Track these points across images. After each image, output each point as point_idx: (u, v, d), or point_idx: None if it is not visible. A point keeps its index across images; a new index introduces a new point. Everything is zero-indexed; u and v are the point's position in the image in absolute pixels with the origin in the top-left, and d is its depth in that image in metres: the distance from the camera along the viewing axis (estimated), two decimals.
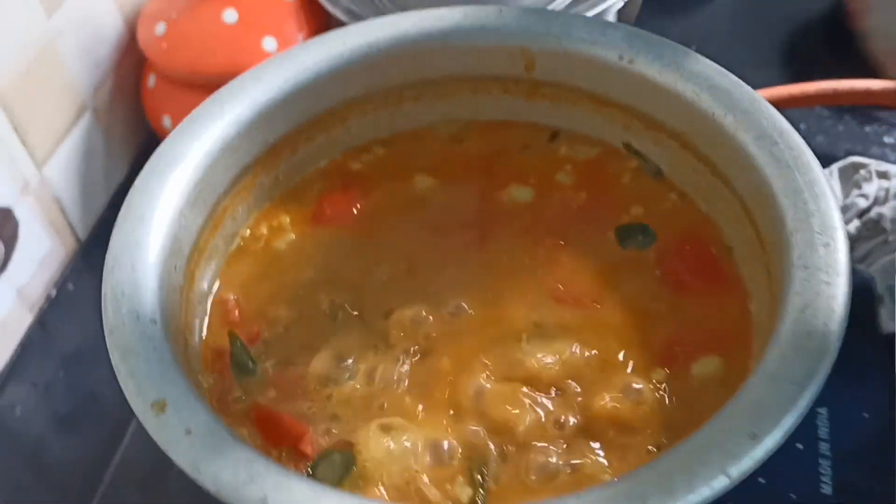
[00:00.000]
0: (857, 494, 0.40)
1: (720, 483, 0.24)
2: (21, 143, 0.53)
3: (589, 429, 0.32)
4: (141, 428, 0.46)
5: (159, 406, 0.27)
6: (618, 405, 0.32)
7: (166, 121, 0.62)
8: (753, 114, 0.33)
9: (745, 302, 0.34)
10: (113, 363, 0.29)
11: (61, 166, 0.57)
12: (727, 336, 0.34)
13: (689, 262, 0.36)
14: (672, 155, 0.37)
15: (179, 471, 0.27)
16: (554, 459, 0.31)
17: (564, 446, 0.31)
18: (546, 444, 0.31)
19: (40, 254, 0.56)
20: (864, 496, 0.40)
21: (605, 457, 0.31)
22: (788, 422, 0.25)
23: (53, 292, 0.57)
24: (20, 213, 0.53)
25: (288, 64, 0.38)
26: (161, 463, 0.44)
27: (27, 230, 0.54)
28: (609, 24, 0.37)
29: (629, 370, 0.33)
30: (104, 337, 0.30)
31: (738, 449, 0.24)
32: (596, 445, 0.31)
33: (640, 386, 0.33)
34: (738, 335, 0.33)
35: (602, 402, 0.32)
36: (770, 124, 0.33)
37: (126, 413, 0.47)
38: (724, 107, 0.34)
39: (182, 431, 0.26)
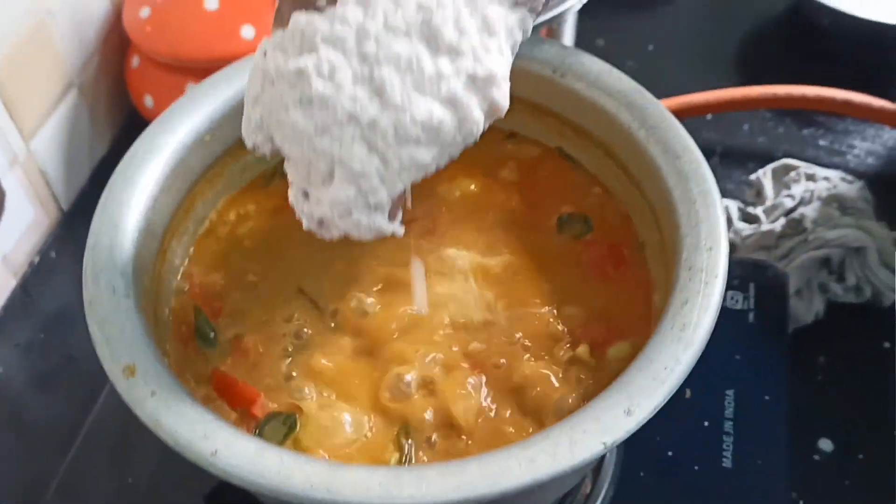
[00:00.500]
0: (753, 469, 0.45)
1: (597, 449, 0.29)
2: (10, 118, 0.56)
3: (514, 402, 0.36)
4: (114, 390, 0.50)
5: (129, 370, 0.31)
6: (538, 383, 0.36)
7: (148, 100, 0.65)
8: (663, 130, 0.37)
9: (651, 296, 0.38)
10: (90, 331, 0.33)
11: (47, 140, 0.61)
12: (636, 325, 0.38)
13: (608, 257, 0.41)
14: (598, 161, 0.42)
15: (147, 432, 0.31)
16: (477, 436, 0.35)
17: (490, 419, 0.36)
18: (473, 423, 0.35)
19: (25, 222, 0.59)
20: (760, 471, 0.45)
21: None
22: (657, 400, 0.29)
23: (36, 259, 0.60)
24: (7, 184, 0.56)
25: None
26: (131, 424, 0.48)
27: (13, 200, 0.57)
28: (545, 40, 0.41)
29: (553, 351, 0.37)
30: (82, 303, 0.34)
31: (614, 422, 0.29)
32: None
33: (562, 366, 0.37)
34: (644, 325, 0.37)
35: (525, 377, 0.36)
36: (676, 140, 0.37)
37: (101, 375, 0.52)
38: (639, 122, 0.38)
39: (148, 393, 0.31)
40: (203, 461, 0.29)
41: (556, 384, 0.36)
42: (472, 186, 0.44)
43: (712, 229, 0.34)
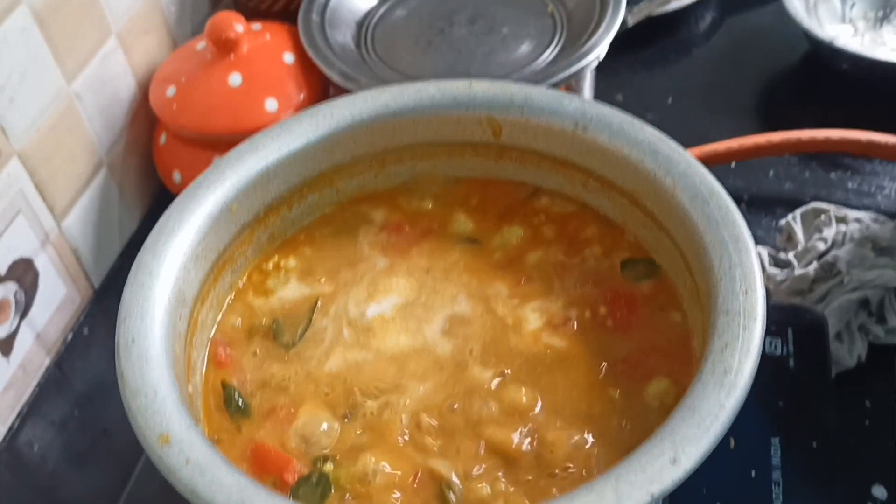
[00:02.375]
0: None
1: (644, 500, 0.28)
2: (41, 199, 0.57)
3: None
4: (149, 463, 0.50)
5: (163, 439, 0.31)
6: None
7: (176, 176, 0.66)
8: (689, 176, 0.37)
9: (689, 339, 0.38)
10: (123, 402, 0.33)
11: (78, 219, 0.61)
12: (677, 368, 0.37)
13: (643, 302, 0.40)
14: (624, 210, 0.42)
15: (183, 502, 0.31)
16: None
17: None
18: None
19: (58, 300, 0.60)
20: None
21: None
22: (704, 448, 0.29)
23: (69, 336, 0.61)
24: (40, 264, 0.57)
25: (282, 135, 0.42)
26: (166, 497, 0.48)
27: (46, 279, 0.58)
28: (565, 95, 0.41)
29: (595, 392, 0.37)
30: (116, 377, 0.34)
31: (660, 472, 0.28)
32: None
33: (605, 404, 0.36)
34: (683, 365, 0.37)
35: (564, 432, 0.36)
36: (703, 185, 0.37)
37: (135, 449, 0.51)
38: (664, 170, 0.38)
39: (183, 461, 0.30)
40: None
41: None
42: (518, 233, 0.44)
43: (747, 273, 0.33)
